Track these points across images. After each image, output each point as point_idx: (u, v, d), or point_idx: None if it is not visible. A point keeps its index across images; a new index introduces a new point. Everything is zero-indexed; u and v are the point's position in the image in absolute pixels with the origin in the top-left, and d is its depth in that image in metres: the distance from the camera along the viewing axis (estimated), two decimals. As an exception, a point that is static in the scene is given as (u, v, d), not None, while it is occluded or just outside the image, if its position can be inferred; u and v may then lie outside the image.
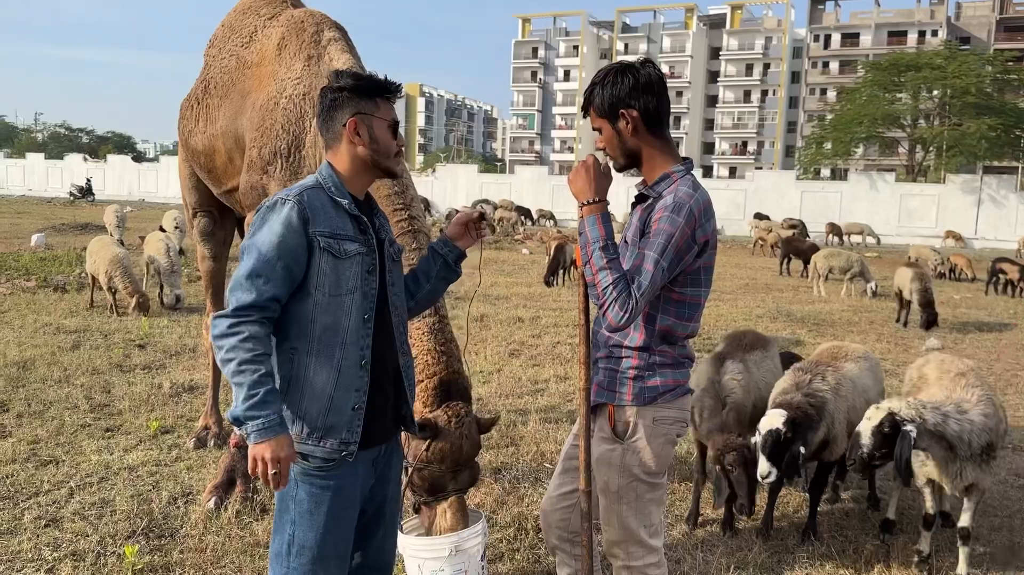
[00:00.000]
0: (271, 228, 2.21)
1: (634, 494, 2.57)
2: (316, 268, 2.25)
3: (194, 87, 4.84)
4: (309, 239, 2.23)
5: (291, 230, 2.21)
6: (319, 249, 2.24)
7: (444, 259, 2.65)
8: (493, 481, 4.86)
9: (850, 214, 36.84)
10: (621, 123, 2.51)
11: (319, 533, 2.31)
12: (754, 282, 17.46)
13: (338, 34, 4.09)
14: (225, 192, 4.65)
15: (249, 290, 2.18)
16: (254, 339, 2.16)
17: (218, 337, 2.17)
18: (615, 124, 2.52)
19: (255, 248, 2.21)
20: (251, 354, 2.14)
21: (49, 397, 6.24)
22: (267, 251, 2.19)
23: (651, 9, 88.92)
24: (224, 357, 2.15)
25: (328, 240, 2.26)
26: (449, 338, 3.25)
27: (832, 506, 4.81)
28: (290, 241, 2.21)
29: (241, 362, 2.12)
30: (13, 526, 4.02)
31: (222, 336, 2.16)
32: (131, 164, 58.78)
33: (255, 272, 2.19)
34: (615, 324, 2.37)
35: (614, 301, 2.34)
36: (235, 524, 4.13)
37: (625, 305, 2.33)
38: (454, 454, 3.20)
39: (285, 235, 2.20)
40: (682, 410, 2.60)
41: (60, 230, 23.41)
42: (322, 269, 2.26)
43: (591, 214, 2.45)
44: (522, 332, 9.96)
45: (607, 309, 2.36)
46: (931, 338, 10.65)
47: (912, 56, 45.86)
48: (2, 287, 11.58)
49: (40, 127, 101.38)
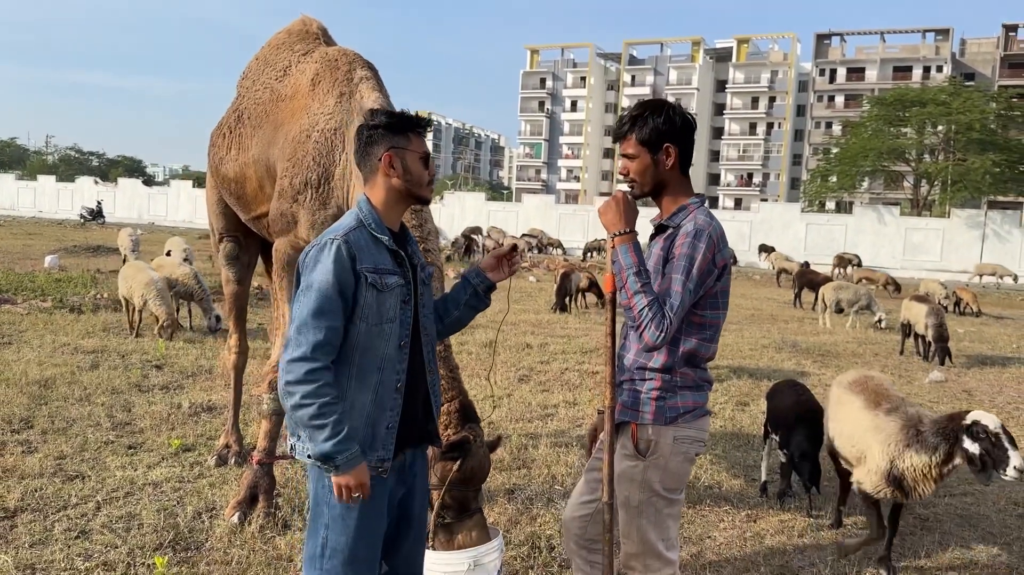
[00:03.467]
0: (325, 267, 2.39)
1: (653, 509, 2.73)
2: (362, 301, 2.44)
3: (226, 116, 5.06)
4: (356, 275, 2.42)
5: (343, 267, 2.39)
6: (366, 284, 2.43)
7: (475, 288, 2.83)
8: (507, 501, 5.01)
9: (854, 247, 37.04)
10: (662, 156, 2.71)
11: (351, 537, 2.48)
12: (760, 312, 17.61)
13: (369, 73, 4.30)
14: (253, 218, 4.84)
15: (318, 329, 2.35)
16: (328, 386, 2.35)
17: (294, 383, 2.33)
18: (656, 155, 2.71)
19: (315, 287, 2.38)
20: (330, 397, 2.34)
21: (72, 415, 6.40)
22: (327, 289, 2.37)
23: (658, 42, 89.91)
24: (300, 402, 2.32)
25: (373, 275, 2.45)
26: (455, 365, 3.45)
27: (830, 531, 4.92)
28: (343, 278, 2.39)
29: (322, 406, 2.32)
30: (45, 537, 4.17)
31: (299, 383, 2.33)
32: (141, 188, 59.35)
33: (320, 310, 2.36)
34: (652, 343, 2.56)
35: (650, 322, 2.53)
36: (258, 538, 4.28)
37: (661, 325, 2.53)
38: (481, 472, 3.40)
39: (339, 272, 2.39)
40: (700, 430, 2.77)
41: (72, 251, 23.68)
42: (367, 302, 2.44)
43: (623, 243, 2.64)
44: (531, 358, 10.11)
45: (644, 330, 2.55)
46: (934, 370, 10.77)
47: (916, 91, 46.31)
48: (19, 307, 11.77)
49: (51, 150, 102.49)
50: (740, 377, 9.66)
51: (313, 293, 2.38)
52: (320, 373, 2.35)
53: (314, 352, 2.35)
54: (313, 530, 2.54)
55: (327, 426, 2.32)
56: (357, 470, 2.38)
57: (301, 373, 2.34)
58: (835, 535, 4.85)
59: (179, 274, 11.39)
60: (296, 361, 2.34)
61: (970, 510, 5.40)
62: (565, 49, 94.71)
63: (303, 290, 2.42)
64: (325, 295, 2.37)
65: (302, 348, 2.35)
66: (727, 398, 8.44)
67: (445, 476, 3.28)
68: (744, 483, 5.71)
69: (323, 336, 2.36)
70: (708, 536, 4.70)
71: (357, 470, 2.38)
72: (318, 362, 2.35)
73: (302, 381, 2.33)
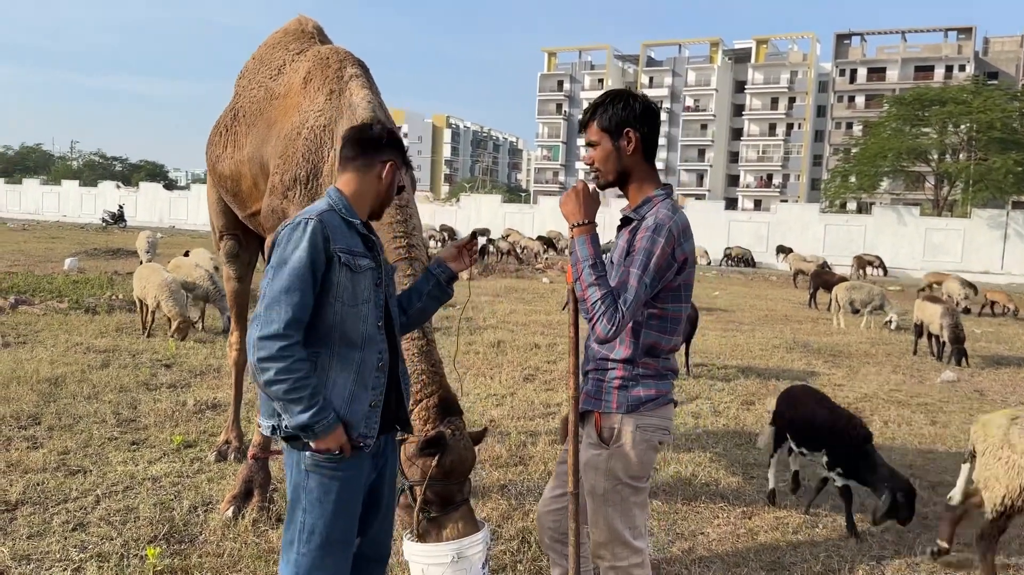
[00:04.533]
0: (299, 245, 2.45)
1: (619, 497, 2.74)
2: (336, 280, 2.50)
3: (223, 115, 5.12)
4: (329, 255, 2.48)
5: (316, 247, 2.45)
6: (339, 264, 2.49)
7: (437, 279, 2.90)
8: (500, 496, 5.03)
9: (874, 248, 36.71)
10: (623, 141, 2.73)
11: (328, 519, 2.53)
12: (773, 313, 17.51)
13: (359, 71, 4.34)
14: (249, 215, 4.90)
15: (290, 305, 2.40)
16: (301, 360, 2.42)
17: (268, 359, 2.39)
18: (617, 141, 2.73)
19: (287, 265, 2.44)
20: (303, 371, 2.41)
21: (79, 412, 6.49)
22: (300, 267, 2.43)
23: (676, 43, 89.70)
24: (273, 378, 2.38)
25: (347, 256, 2.51)
26: (437, 360, 3.47)
27: (825, 528, 4.90)
28: (316, 257, 2.45)
29: (296, 380, 2.39)
30: (43, 529, 4.24)
31: (272, 359, 2.38)
32: (162, 192, 60.02)
33: (291, 287, 2.42)
34: (603, 336, 2.56)
35: (602, 315, 2.53)
36: (251, 532, 4.33)
37: (613, 318, 2.53)
38: (461, 465, 3.39)
39: (313, 251, 2.44)
40: (664, 418, 2.78)
41: (92, 254, 23.97)
42: (341, 282, 2.50)
43: (581, 235, 2.65)
44: (538, 358, 10.13)
45: (596, 322, 2.55)
46: (946, 370, 10.67)
47: (936, 91, 45.93)
48: (36, 308, 11.94)
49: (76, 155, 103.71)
50: (748, 377, 9.63)
51: (286, 270, 2.43)
52: (292, 349, 2.40)
53: (286, 329, 2.40)
54: (291, 516, 2.59)
55: (303, 399, 2.39)
56: (335, 434, 2.46)
57: (275, 350, 2.38)
58: (828, 531, 4.82)
59: (195, 276, 11.52)
60: (268, 338, 2.39)
61: (971, 508, 5.34)
62: (582, 51, 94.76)
63: (275, 266, 2.46)
64: (298, 273, 2.42)
65: (274, 325, 2.39)
66: (733, 397, 8.42)
67: (425, 472, 3.30)
68: (742, 481, 5.70)
69: (293, 313, 2.41)
70: (701, 532, 4.70)
71: (335, 434, 2.46)
72: (290, 338, 2.40)
73: (276, 358, 2.38)
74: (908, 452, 6.65)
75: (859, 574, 4.22)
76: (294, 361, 2.39)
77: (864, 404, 8.45)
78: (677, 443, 6.50)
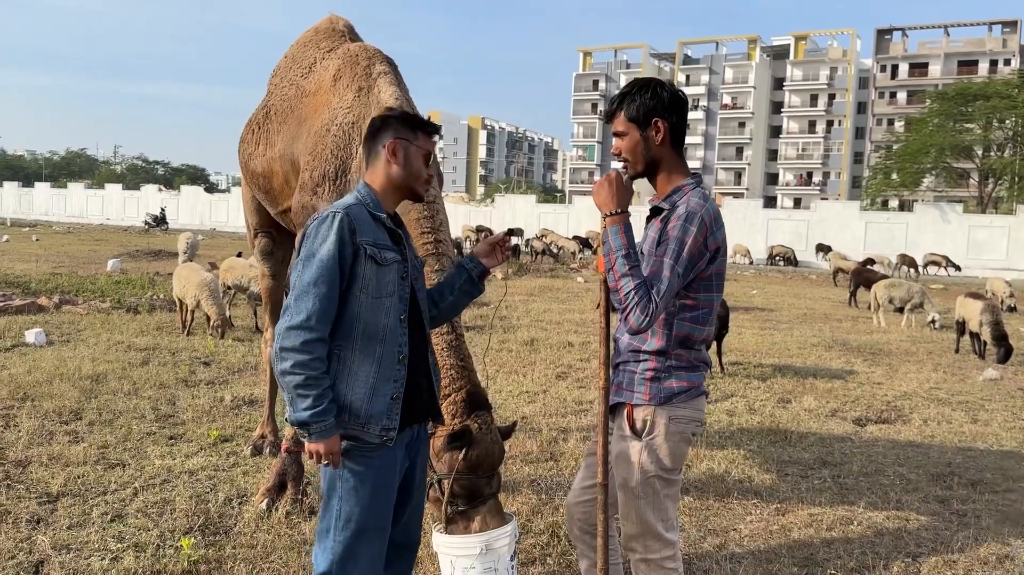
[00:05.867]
0: (327, 238, 2.48)
1: (651, 489, 2.73)
2: (361, 273, 2.53)
3: (255, 113, 5.20)
4: (356, 247, 2.51)
5: (343, 240, 2.49)
6: (365, 256, 2.52)
7: (469, 274, 2.91)
8: (531, 491, 5.03)
9: (915, 246, 36.04)
10: (651, 131, 2.70)
11: (363, 506, 2.57)
12: (812, 312, 17.29)
13: (388, 68, 4.37)
14: (281, 212, 4.97)
15: (317, 298, 2.44)
16: (320, 360, 2.46)
17: (290, 349, 2.43)
18: (644, 131, 2.71)
19: (315, 258, 2.47)
20: (318, 371, 2.45)
21: (119, 407, 6.63)
22: (327, 260, 2.46)
23: (713, 41, 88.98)
24: (291, 368, 2.43)
25: (372, 249, 2.54)
26: (466, 354, 3.48)
27: (860, 525, 4.83)
28: (344, 249, 2.49)
29: (309, 378, 2.43)
30: (82, 520, 4.34)
31: (293, 350, 2.43)
32: (203, 195, 60.95)
33: (319, 279, 2.46)
34: (636, 327, 2.55)
35: (636, 305, 2.52)
36: (285, 524, 4.39)
37: (646, 309, 2.52)
38: (489, 459, 3.40)
39: (340, 244, 2.48)
40: (697, 410, 2.75)
41: (135, 256, 24.48)
42: (366, 274, 2.53)
43: (614, 224, 2.64)
44: (571, 356, 10.11)
45: (629, 313, 2.54)
46: (989, 368, 10.45)
47: (980, 85, 44.99)
48: (79, 308, 12.20)
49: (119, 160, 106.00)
50: (784, 375, 9.52)
51: (315, 263, 2.47)
52: (314, 345, 2.44)
53: (311, 321, 2.44)
54: (326, 504, 2.63)
55: (309, 397, 2.43)
56: (329, 440, 2.48)
57: (298, 342, 2.43)
58: (864, 527, 4.75)
59: (249, 275, 11.67)
60: (294, 329, 2.44)
61: (1012, 507, 5.24)
62: (618, 50, 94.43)
63: (304, 260, 2.51)
64: (325, 266, 2.46)
65: (300, 316, 2.44)
66: (769, 395, 8.33)
67: (453, 466, 3.32)
68: (776, 478, 5.64)
69: (321, 305, 2.45)
70: (733, 528, 4.66)
71: (329, 440, 2.48)
72: (315, 332, 2.44)
73: (297, 350, 2.43)
74: (947, 450, 6.52)
75: (894, 571, 4.15)
76: (312, 358, 2.44)
77: (903, 402, 8.31)
78: (711, 440, 6.46)
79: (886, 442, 6.74)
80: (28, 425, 5.94)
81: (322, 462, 2.51)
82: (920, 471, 5.91)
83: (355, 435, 2.55)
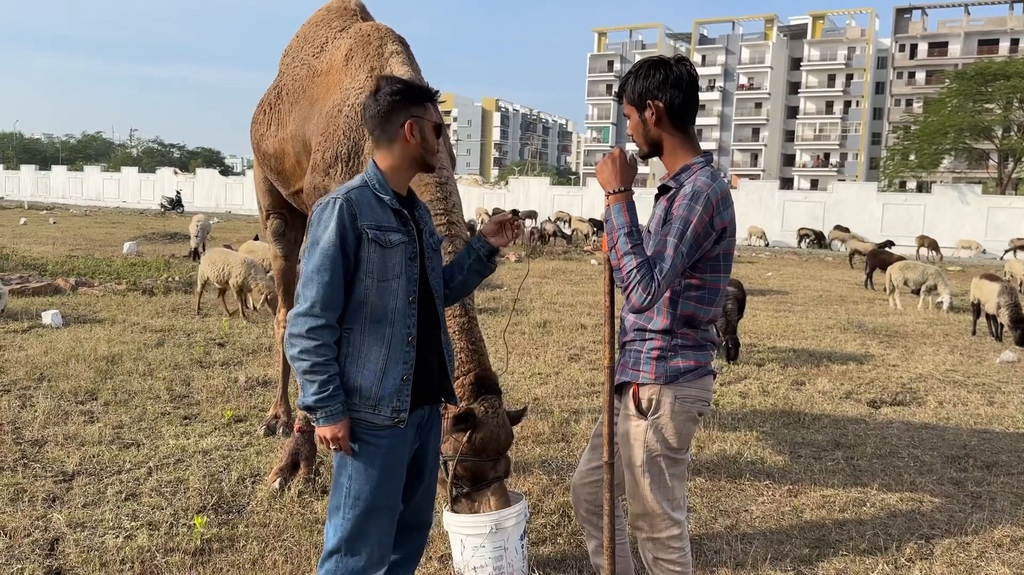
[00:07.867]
0: (327, 226, 2.49)
1: (657, 469, 2.72)
2: (366, 257, 2.53)
3: (267, 94, 5.18)
4: (358, 232, 2.51)
5: (344, 226, 2.49)
6: (368, 240, 2.52)
7: (477, 253, 2.89)
8: (542, 471, 5.05)
9: (933, 227, 35.73)
10: (647, 113, 2.69)
11: (373, 485, 2.57)
12: (828, 294, 17.18)
13: (400, 47, 4.35)
14: (292, 193, 4.97)
15: (321, 284, 2.46)
16: (327, 346, 2.47)
17: (297, 336, 2.46)
18: (642, 113, 2.71)
19: (319, 245, 2.49)
20: (325, 358, 2.47)
21: (134, 388, 6.68)
22: (329, 246, 2.48)
23: (729, 20, 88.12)
24: (298, 355, 2.46)
25: (375, 232, 2.53)
26: (478, 337, 3.46)
27: (873, 507, 4.81)
28: (345, 235, 2.49)
29: (315, 363, 2.46)
30: (97, 498, 4.39)
31: (301, 337, 2.46)
32: (218, 178, 61.20)
33: (322, 266, 2.47)
34: (638, 305, 2.53)
35: (638, 284, 2.50)
36: (297, 503, 4.42)
37: (648, 287, 2.49)
38: (494, 442, 3.41)
39: (341, 230, 2.48)
40: (703, 389, 2.74)
41: (150, 238, 24.62)
42: (371, 258, 2.53)
43: (617, 202, 2.62)
44: (584, 338, 10.10)
45: (631, 291, 2.52)
46: (1006, 351, 10.35)
47: (1000, 65, 44.34)
48: (96, 290, 12.30)
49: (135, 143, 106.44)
50: (799, 357, 9.47)
51: (318, 250, 2.49)
52: (321, 332, 2.46)
53: (315, 308, 2.45)
54: (337, 481, 2.65)
55: (316, 383, 2.46)
56: (336, 425, 2.50)
57: (304, 329, 2.45)
58: (876, 509, 4.73)
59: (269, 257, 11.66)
60: (300, 316, 2.46)
61: (1027, 489, 5.20)
62: (633, 31, 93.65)
63: (309, 247, 2.53)
64: (327, 253, 2.47)
65: (306, 303, 2.46)
66: (783, 377, 8.29)
67: (457, 448, 3.32)
68: (789, 460, 5.62)
69: (324, 292, 2.46)
70: (744, 509, 4.65)
71: (336, 425, 2.50)
72: (321, 319, 2.46)
73: (304, 336, 2.45)
74: (962, 432, 6.48)
75: (907, 552, 4.13)
76: (319, 345, 2.46)
77: (919, 384, 8.26)
78: (723, 421, 6.44)
79: (901, 424, 6.70)
80: (44, 405, 6.00)
81: (331, 446, 2.53)
82: (935, 453, 5.88)
83: (366, 418, 2.56)
